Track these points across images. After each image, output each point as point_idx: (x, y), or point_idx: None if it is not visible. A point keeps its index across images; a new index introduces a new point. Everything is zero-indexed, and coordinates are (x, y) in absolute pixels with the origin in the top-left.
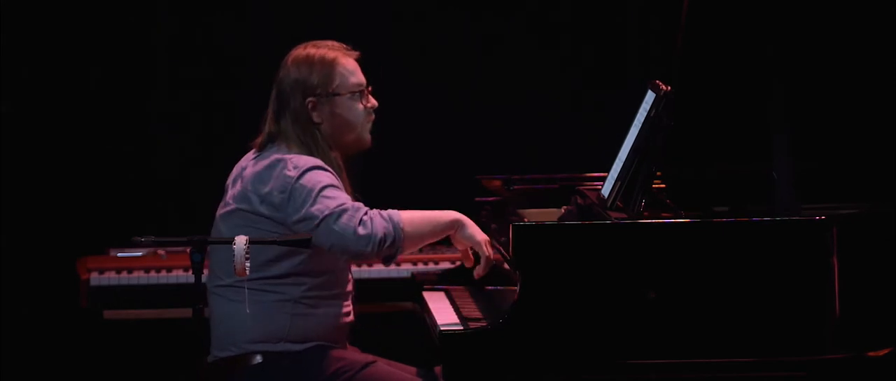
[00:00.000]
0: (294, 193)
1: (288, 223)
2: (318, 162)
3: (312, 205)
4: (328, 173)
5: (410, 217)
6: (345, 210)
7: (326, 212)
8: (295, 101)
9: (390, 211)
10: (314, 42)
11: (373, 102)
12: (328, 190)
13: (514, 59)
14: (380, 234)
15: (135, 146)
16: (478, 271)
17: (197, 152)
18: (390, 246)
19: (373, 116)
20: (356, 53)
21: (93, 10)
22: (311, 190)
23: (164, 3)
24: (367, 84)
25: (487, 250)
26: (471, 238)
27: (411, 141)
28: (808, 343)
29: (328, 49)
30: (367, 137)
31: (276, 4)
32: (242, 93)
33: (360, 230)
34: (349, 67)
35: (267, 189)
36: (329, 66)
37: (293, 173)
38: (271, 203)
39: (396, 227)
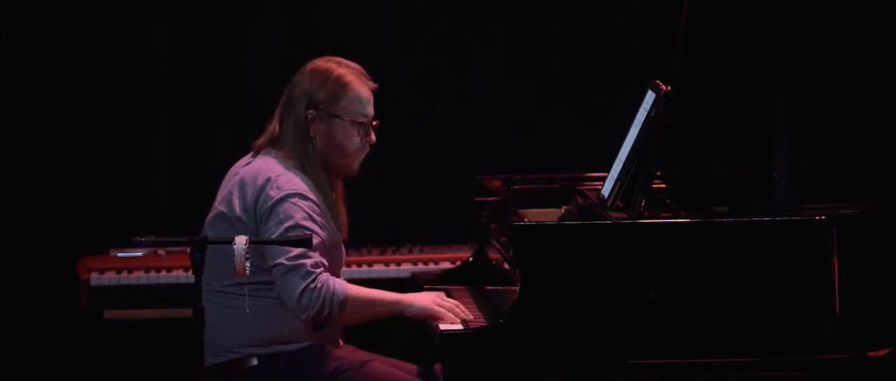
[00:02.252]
0: (268, 216)
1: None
2: (301, 189)
3: (275, 236)
4: (307, 204)
5: (355, 297)
6: (298, 267)
7: (281, 259)
8: (299, 108)
9: (338, 287)
10: (338, 59)
11: (372, 137)
12: (293, 232)
13: (515, 59)
14: (316, 309)
15: (135, 147)
16: (446, 325)
17: (198, 153)
18: (324, 318)
19: (367, 150)
20: (373, 84)
21: (93, 10)
22: (281, 222)
23: (164, 4)
24: (374, 119)
25: (440, 311)
26: (422, 312)
27: (412, 141)
28: (808, 343)
29: (348, 70)
30: (356, 167)
31: (277, 5)
32: (244, 93)
33: (302, 298)
34: (361, 96)
35: (249, 200)
36: (341, 87)
37: (274, 195)
38: (249, 214)
39: (335, 307)
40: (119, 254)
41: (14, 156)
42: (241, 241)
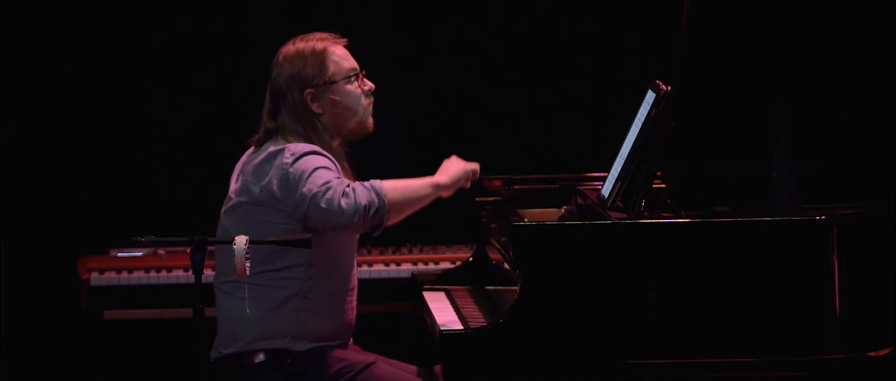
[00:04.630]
0: (289, 178)
1: (289, 211)
2: (314, 147)
3: (303, 186)
4: (323, 157)
5: (393, 186)
6: (329, 187)
7: (314, 190)
8: (292, 95)
9: (373, 181)
10: (301, 36)
11: (369, 84)
12: (318, 172)
13: (515, 58)
14: (364, 203)
15: (135, 146)
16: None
17: (197, 152)
18: (375, 215)
19: (372, 99)
20: (344, 40)
21: (93, 10)
22: (303, 172)
23: (165, 4)
24: (360, 68)
25: (474, 166)
26: (460, 180)
27: (412, 141)
28: (808, 343)
29: (317, 40)
30: (370, 120)
31: (276, 5)
32: (243, 93)
33: (343, 202)
34: (340, 54)
35: (267, 179)
36: (320, 55)
37: (289, 160)
38: (272, 192)
39: (380, 195)
40: (119, 254)
41: (14, 156)
42: (240, 241)
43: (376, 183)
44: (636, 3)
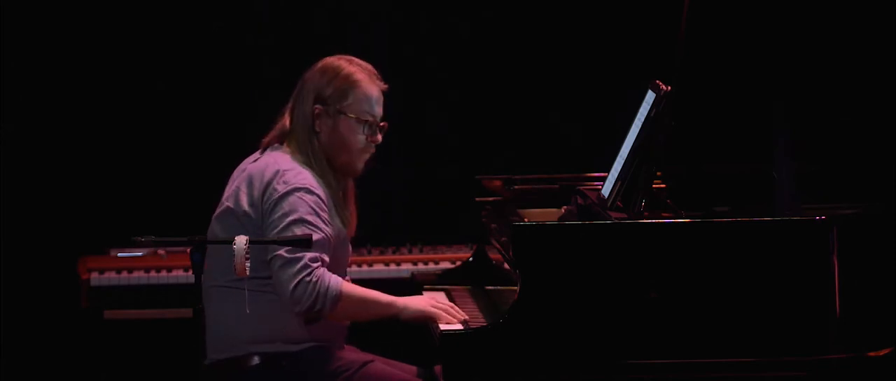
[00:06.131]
0: (272, 209)
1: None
2: (309, 183)
3: (278, 233)
4: (313, 198)
5: (350, 295)
6: (295, 260)
7: (280, 251)
8: (307, 103)
9: (333, 283)
10: (351, 58)
11: (378, 138)
12: (297, 226)
13: (515, 59)
14: (308, 302)
15: (135, 146)
16: (446, 325)
17: (198, 152)
18: (316, 313)
19: (372, 150)
20: (384, 85)
21: (93, 10)
22: (284, 215)
23: (165, 4)
24: (382, 120)
25: (437, 312)
26: (417, 315)
27: (412, 141)
28: (808, 343)
29: (358, 69)
30: (359, 167)
31: (278, 5)
32: (244, 93)
33: (295, 290)
34: (369, 95)
35: (256, 194)
36: (350, 84)
37: (281, 189)
38: (256, 209)
39: (328, 303)
40: (119, 254)
41: (14, 156)
42: (241, 241)
43: (334, 287)
44: (636, 3)
